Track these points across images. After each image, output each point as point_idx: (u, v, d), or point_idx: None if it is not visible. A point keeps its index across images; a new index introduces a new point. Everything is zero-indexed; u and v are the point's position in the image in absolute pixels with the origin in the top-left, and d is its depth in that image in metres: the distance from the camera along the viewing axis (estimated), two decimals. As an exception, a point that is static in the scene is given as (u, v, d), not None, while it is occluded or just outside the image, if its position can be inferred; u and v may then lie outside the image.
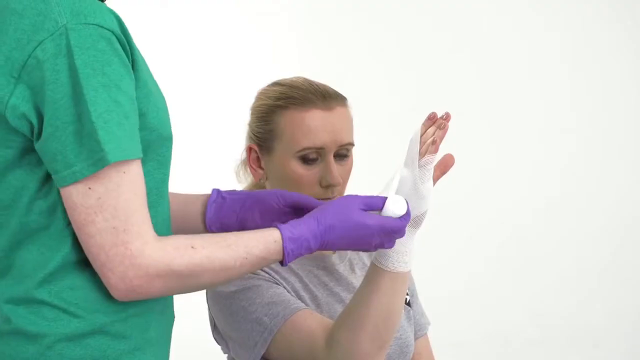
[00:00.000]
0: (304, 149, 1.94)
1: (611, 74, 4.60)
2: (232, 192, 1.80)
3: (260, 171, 2.01)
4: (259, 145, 2.01)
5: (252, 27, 4.28)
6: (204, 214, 1.78)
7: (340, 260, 2.06)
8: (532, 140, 4.54)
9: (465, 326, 4.36)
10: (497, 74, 4.51)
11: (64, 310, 1.48)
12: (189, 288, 1.50)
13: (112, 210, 1.42)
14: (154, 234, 1.46)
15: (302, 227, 1.59)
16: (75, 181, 1.42)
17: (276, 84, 2.04)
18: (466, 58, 4.50)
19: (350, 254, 2.09)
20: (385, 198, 1.68)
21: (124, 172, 1.43)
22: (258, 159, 2.01)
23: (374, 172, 3.58)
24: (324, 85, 2.01)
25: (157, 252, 1.44)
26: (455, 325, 4.25)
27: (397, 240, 1.73)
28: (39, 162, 1.47)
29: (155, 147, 1.53)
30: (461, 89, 4.41)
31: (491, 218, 4.45)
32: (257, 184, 2.07)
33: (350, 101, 2.02)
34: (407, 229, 1.71)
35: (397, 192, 1.73)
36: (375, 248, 1.66)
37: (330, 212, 1.62)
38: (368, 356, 1.77)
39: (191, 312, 1.69)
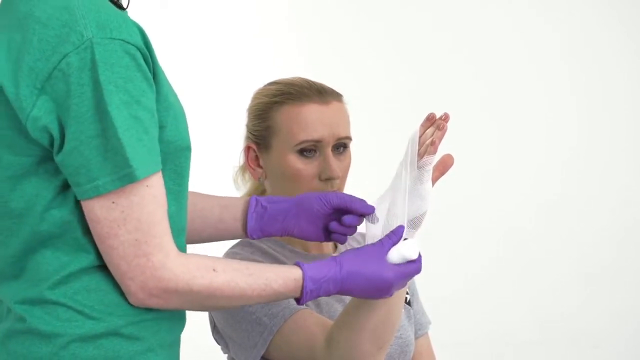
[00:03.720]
0: (302, 142, 1.95)
1: (611, 74, 4.59)
2: (273, 200, 1.80)
3: (260, 170, 2.01)
4: (257, 144, 2.01)
5: (252, 27, 4.28)
6: (244, 221, 1.79)
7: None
8: (532, 141, 4.54)
9: (466, 326, 4.35)
10: (497, 73, 4.51)
11: (79, 312, 1.48)
12: (203, 307, 1.54)
13: (135, 223, 1.44)
14: (176, 247, 1.48)
15: (324, 269, 1.61)
16: (98, 195, 1.43)
17: (272, 83, 2.05)
18: (466, 58, 4.49)
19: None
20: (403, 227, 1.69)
21: (147, 186, 1.45)
22: (256, 157, 2.01)
23: (373, 170, 3.58)
24: (320, 83, 2.02)
25: (179, 267, 1.47)
26: (456, 325, 4.24)
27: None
28: (56, 171, 1.47)
29: (172, 159, 1.53)
30: (461, 89, 4.40)
31: (492, 219, 4.45)
32: (257, 188, 2.07)
33: (349, 99, 2.02)
34: (406, 230, 1.72)
35: (396, 194, 1.73)
36: (392, 294, 1.68)
37: (353, 259, 1.64)
38: (368, 356, 1.77)
39: (191, 312, 1.70)
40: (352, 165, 2.00)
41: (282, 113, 1.97)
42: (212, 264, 1.51)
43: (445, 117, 1.74)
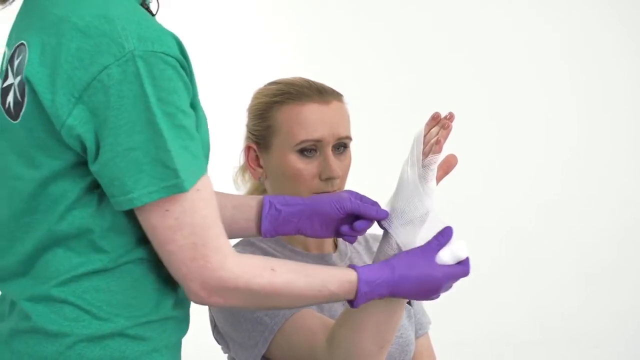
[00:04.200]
0: (302, 141, 1.95)
1: (611, 74, 4.59)
2: (287, 202, 1.80)
3: (260, 170, 2.01)
4: (257, 144, 2.01)
5: (252, 27, 4.28)
6: (258, 222, 1.79)
7: (341, 260, 2.06)
8: (532, 141, 4.54)
9: (466, 326, 4.35)
10: (497, 73, 4.50)
11: (87, 311, 1.48)
12: (262, 307, 1.57)
13: (190, 227, 1.45)
14: (232, 248, 1.50)
15: (378, 272, 1.64)
16: (132, 207, 1.44)
17: (273, 82, 2.05)
18: (466, 58, 4.49)
19: (350, 253, 2.09)
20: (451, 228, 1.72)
21: (198, 190, 1.46)
22: (257, 157, 2.01)
23: (373, 169, 3.58)
24: (321, 83, 2.02)
25: (237, 267, 1.49)
26: (456, 325, 4.24)
27: (399, 240, 1.74)
28: (84, 174, 1.48)
29: None
30: (461, 89, 4.40)
31: (492, 219, 4.45)
32: (257, 188, 2.07)
33: (349, 99, 2.02)
34: (409, 228, 1.72)
35: (400, 192, 1.74)
36: (431, 298, 1.71)
37: (404, 262, 1.67)
38: (369, 356, 1.77)
39: (192, 311, 1.70)
40: (352, 164, 2.00)
41: (282, 113, 1.97)
42: (270, 264, 1.54)
43: (450, 117, 1.75)
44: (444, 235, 1.71)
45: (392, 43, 4.44)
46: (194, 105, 1.51)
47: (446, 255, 1.71)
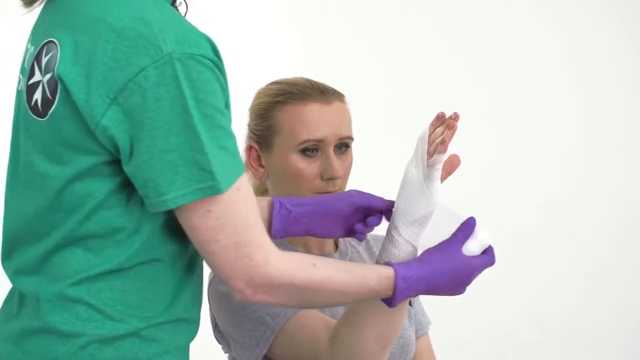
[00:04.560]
0: (304, 141, 1.95)
1: (611, 74, 4.59)
2: (296, 203, 1.80)
3: (261, 169, 2.01)
4: (258, 143, 2.01)
5: (253, 27, 4.28)
6: (269, 223, 1.79)
7: (342, 259, 2.06)
8: (532, 141, 4.54)
9: (466, 326, 4.35)
10: (497, 73, 4.50)
11: (100, 311, 1.48)
12: (304, 303, 1.59)
13: (232, 227, 1.46)
14: (274, 245, 1.50)
15: (412, 269, 1.65)
16: (166, 209, 1.45)
17: (274, 82, 2.05)
18: (466, 58, 4.49)
19: (351, 253, 2.09)
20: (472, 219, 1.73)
21: (238, 190, 1.46)
22: (258, 157, 2.01)
23: (374, 169, 3.58)
24: (322, 83, 2.02)
25: (281, 263, 1.49)
26: (456, 325, 4.24)
27: (403, 240, 1.74)
28: (113, 174, 1.48)
29: None
30: (461, 89, 4.40)
31: (491, 219, 4.43)
32: (258, 188, 2.07)
33: (350, 99, 2.02)
34: (412, 228, 1.72)
35: (404, 192, 1.74)
36: (459, 290, 1.72)
37: (436, 257, 1.68)
38: (372, 355, 1.77)
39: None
40: (353, 164, 2.00)
41: (284, 112, 1.97)
42: (311, 259, 1.55)
43: (455, 117, 1.75)
44: (468, 226, 1.71)
45: (393, 43, 4.44)
46: (227, 106, 1.52)
47: (474, 246, 1.72)
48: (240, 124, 2.10)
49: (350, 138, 1.98)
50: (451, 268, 1.67)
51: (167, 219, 1.51)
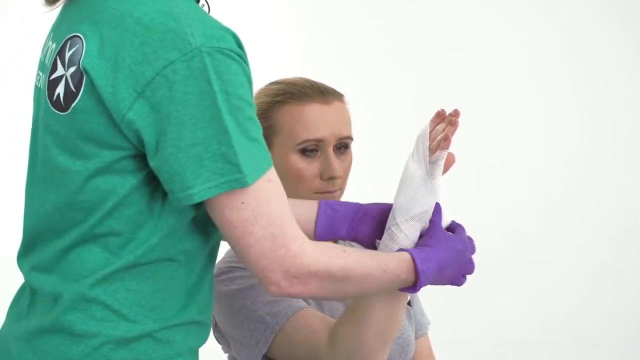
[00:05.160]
0: (304, 141, 1.95)
1: (611, 74, 4.60)
2: (342, 204, 1.82)
3: (261, 170, 2.01)
4: (259, 144, 2.01)
5: (252, 27, 4.28)
6: (316, 222, 1.80)
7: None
8: (532, 141, 4.54)
9: (466, 326, 4.36)
10: (497, 73, 4.51)
11: (115, 311, 1.48)
12: (336, 292, 1.56)
13: (267, 218, 1.46)
14: (305, 235, 1.50)
15: (424, 251, 1.66)
16: (191, 203, 1.44)
17: (274, 82, 2.05)
18: (466, 58, 4.50)
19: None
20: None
21: (269, 180, 1.46)
22: (258, 157, 2.01)
23: (373, 170, 3.58)
24: (322, 83, 2.02)
25: (316, 252, 1.50)
26: (456, 325, 4.25)
27: (403, 235, 1.74)
28: (135, 170, 1.47)
29: None
30: (461, 89, 4.41)
31: (491, 218, 4.45)
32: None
33: (350, 99, 2.03)
34: (413, 224, 1.73)
35: (404, 188, 1.75)
36: (463, 274, 1.73)
37: (435, 241, 1.69)
38: (372, 353, 1.77)
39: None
40: (352, 164, 2.01)
41: (283, 113, 1.98)
42: (341, 247, 1.56)
43: (456, 113, 1.76)
44: (437, 213, 1.74)
45: (393, 43, 4.45)
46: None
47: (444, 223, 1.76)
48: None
49: (350, 138, 1.99)
50: (452, 249, 1.69)
51: (187, 218, 1.51)
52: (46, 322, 1.48)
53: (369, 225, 1.80)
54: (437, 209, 1.74)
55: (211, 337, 2.04)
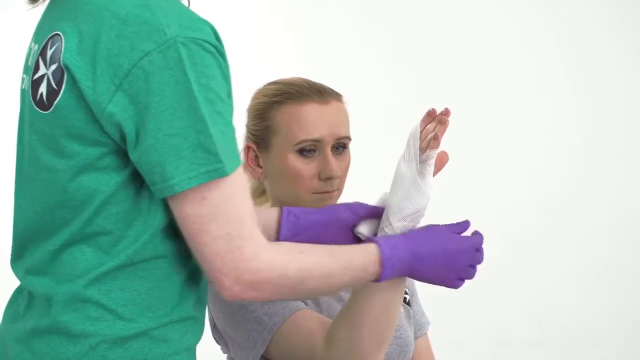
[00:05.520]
0: (302, 141, 1.95)
1: (612, 72, 4.60)
2: (305, 212, 1.81)
3: (259, 170, 2.01)
4: (256, 144, 2.01)
5: (250, 27, 4.28)
6: (278, 231, 1.79)
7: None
8: (531, 140, 4.54)
9: (465, 326, 4.35)
10: (497, 73, 4.51)
11: (110, 311, 1.48)
12: (295, 294, 1.53)
13: (225, 217, 1.44)
14: (264, 238, 1.48)
15: (394, 238, 1.65)
16: (173, 193, 1.43)
17: (272, 82, 2.05)
18: (465, 57, 4.49)
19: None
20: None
21: (234, 181, 1.45)
22: (256, 157, 2.02)
23: (371, 170, 3.58)
24: (320, 83, 2.02)
25: (273, 255, 1.47)
26: (455, 325, 4.25)
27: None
28: (119, 167, 1.47)
29: None
30: (460, 89, 4.41)
31: (491, 218, 4.45)
32: (256, 189, 2.07)
33: (348, 99, 2.03)
34: (405, 224, 1.73)
35: (397, 188, 1.75)
36: (459, 276, 1.72)
37: (419, 230, 1.69)
38: (368, 353, 1.77)
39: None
40: (351, 165, 2.01)
41: (281, 113, 1.98)
42: (298, 247, 1.53)
43: (446, 112, 1.76)
44: (463, 225, 1.76)
45: (391, 43, 4.44)
46: (229, 96, 1.52)
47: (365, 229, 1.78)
48: (238, 125, 2.10)
49: (348, 138, 1.98)
50: (440, 245, 1.68)
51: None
52: (43, 323, 1.48)
53: (337, 230, 1.80)
54: (465, 224, 1.75)
55: (210, 337, 2.04)
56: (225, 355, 2.05)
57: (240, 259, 1.44)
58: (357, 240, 1.81)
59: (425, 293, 2.32)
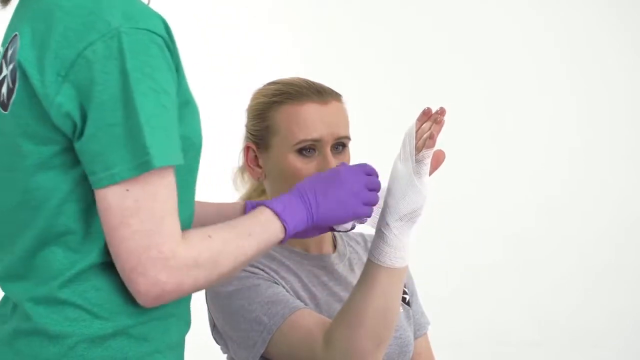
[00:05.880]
0: (301, 141, 1.95)
1: (612, 74, 4.60)
2: (267, 203, 1.79)
3: (259, 170, 2.02)
4: (256, 144, 2.01)
5: (250, 27, 4.28)
6: None
7: (340, 260, 2.06)
8: (532, 141, 4.54)
9: (465, 326, 4.35)
10: (497, 73, 4.51)
11: (87, 311, 1.47)
12: (214, 279, 1.50)
13: (148, 212, 1.42)
14: (181, 232, 1.46)
15: (283, 196, 1.65)
16: (114, 183, 1.41)
17: (271, 83, 2.05)
18: (465, 57, 4.50)
19: (349, 253, 2.09)
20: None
21: (163, 177, 1.43)
22: (256, 157, 2.02)
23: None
24: (319, 83, 2.02)
25: (185, 249, 1.45)
26: (455, 325, 4.25)
27: (393, 235, 1.74)
28: (74, 163, 1.47)
29: (187, 155, 1.52)
30: (460, 89, 4.41)
31: (491, 219, 4.45)
32: (256, 189, 2.08)
33: (348, 99, 2.03)
34: (402, 224, 1.73)
35: (393, 188, 1.75)
36: (362, 201, 1.70)
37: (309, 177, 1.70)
38: (366, 353, 1.77)
39: (192, 312, 1.70)
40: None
41: (281, 113, 1.98)
42: (205, 232, 1.50)
43: (442, 111, 1.76)
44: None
45: (391, 43, 4.44)
46: (185, 94, 1.51)
47: None
48: (238, 125, 2.10)
49: (347, 138, 1.99)
50: (315, 177, 1.69)
51: None
52: (24, 325, 1.49)
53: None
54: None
55: (210, 337, 2.04)
56: (225, 355, 2.05)
57: (158, 257, 1.42)
58: (331, 229, 1.80)
59: (425, 293, 2.32)
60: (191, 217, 1.58)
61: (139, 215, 1.41)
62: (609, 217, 4.55)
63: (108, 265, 1.48)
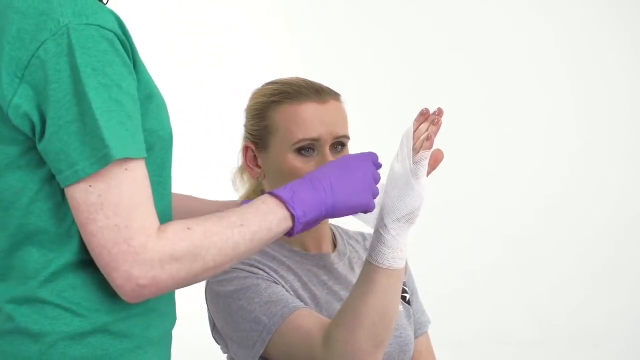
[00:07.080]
0: (300, 141, 1.95)
1: (612, 72, 4.60)
2: None
3: (258, 170, 2.02)
4: (255, 144, 2.01)
5: (249, 27, 4.28)
6: None
7: (340, 259, 2.06)
8: (532, 141, 4.54)
9: (466, 325, 4.35)
10: (497, 73, 4.51)
11: (66, 310, 1.47)
12: (196, 273, 1.47)
13: (113, 207, 1.41)
14: (157, 225, 1.44)
15: (292, 183, 1.61)
16: (78, 180, 1.41)
17: (270, 82, 2.05)
18: (465, 57, 4.50)
19: (349, 252, 2.09)
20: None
21: (126, 170, 1.42)
22: (255, 157, 2.02)
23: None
24: (318, 83, 2.02)
25: (159, 243, 1.42)
26: (456, 325, 4.25)
27: (391, 237, 1.74)
28: (40, 163, 1.47)
29: (154, 149, 1.52)
30: (460, 89, 4.41)
31: (492, 218, 4.45)
32: (255, 189, 2.08)
33: (347, 99, 2.03)
34: (400, 225, 1.73)
35: (390, 189, 1.75)
36: (373, 192, 1.68)
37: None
38: (365, 354, 1.77)
39: (192, 312, 1.70)
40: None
41: (280, 112, 1.98)
42: (186, 224, 1.47)
43: (440, 112, 1.76)
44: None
45: (391, 42, 4.44)
46: (147, 89, 1.51)
47: None
48: (237, 125, 2.11)
49: (347, 137, 1.99)
50: (327, 167, 1.65)
51: None
52: (7, 325, 1.49)
53: None
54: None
55: (210, 337, 2.05)
56: (225, 355, 2.06)
57: (128, 252, 1.40)
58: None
59: (426, 292, 2.32)
60: (167, 211, 1.57)
61: (103, 210, 1.41)
62: (609, 217, 4.55)
63: (86, 263, 1.48)
